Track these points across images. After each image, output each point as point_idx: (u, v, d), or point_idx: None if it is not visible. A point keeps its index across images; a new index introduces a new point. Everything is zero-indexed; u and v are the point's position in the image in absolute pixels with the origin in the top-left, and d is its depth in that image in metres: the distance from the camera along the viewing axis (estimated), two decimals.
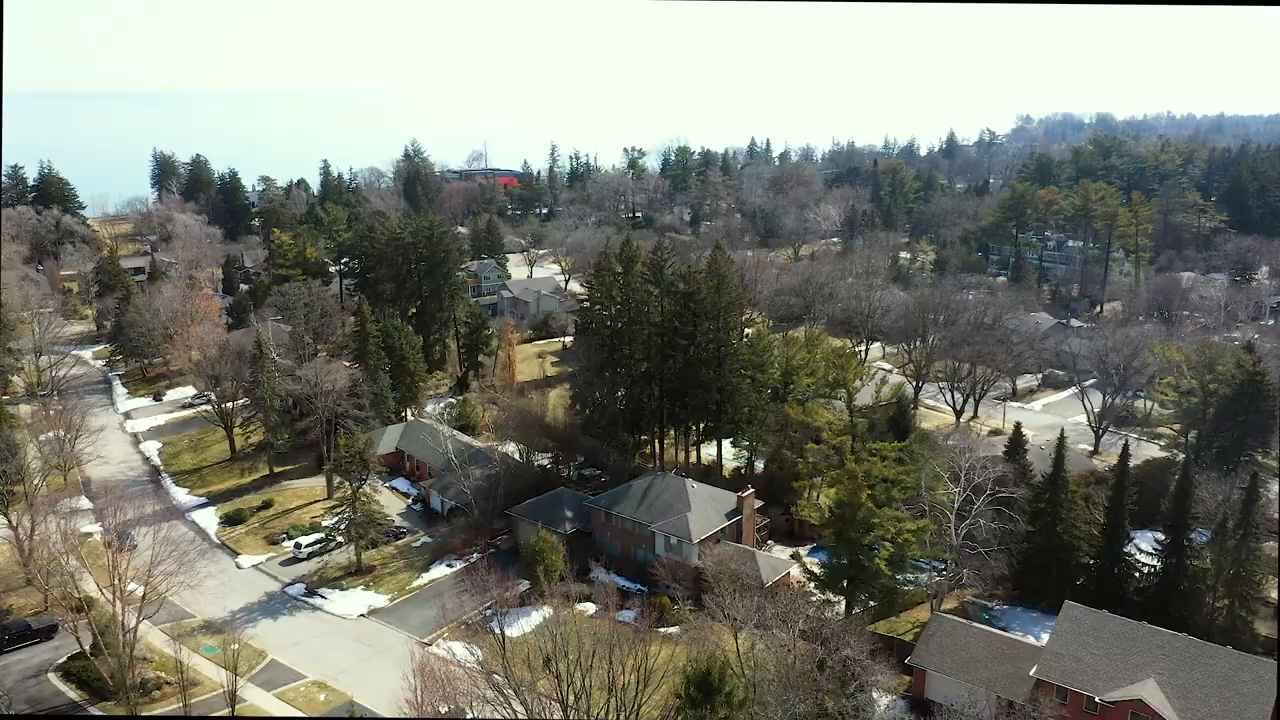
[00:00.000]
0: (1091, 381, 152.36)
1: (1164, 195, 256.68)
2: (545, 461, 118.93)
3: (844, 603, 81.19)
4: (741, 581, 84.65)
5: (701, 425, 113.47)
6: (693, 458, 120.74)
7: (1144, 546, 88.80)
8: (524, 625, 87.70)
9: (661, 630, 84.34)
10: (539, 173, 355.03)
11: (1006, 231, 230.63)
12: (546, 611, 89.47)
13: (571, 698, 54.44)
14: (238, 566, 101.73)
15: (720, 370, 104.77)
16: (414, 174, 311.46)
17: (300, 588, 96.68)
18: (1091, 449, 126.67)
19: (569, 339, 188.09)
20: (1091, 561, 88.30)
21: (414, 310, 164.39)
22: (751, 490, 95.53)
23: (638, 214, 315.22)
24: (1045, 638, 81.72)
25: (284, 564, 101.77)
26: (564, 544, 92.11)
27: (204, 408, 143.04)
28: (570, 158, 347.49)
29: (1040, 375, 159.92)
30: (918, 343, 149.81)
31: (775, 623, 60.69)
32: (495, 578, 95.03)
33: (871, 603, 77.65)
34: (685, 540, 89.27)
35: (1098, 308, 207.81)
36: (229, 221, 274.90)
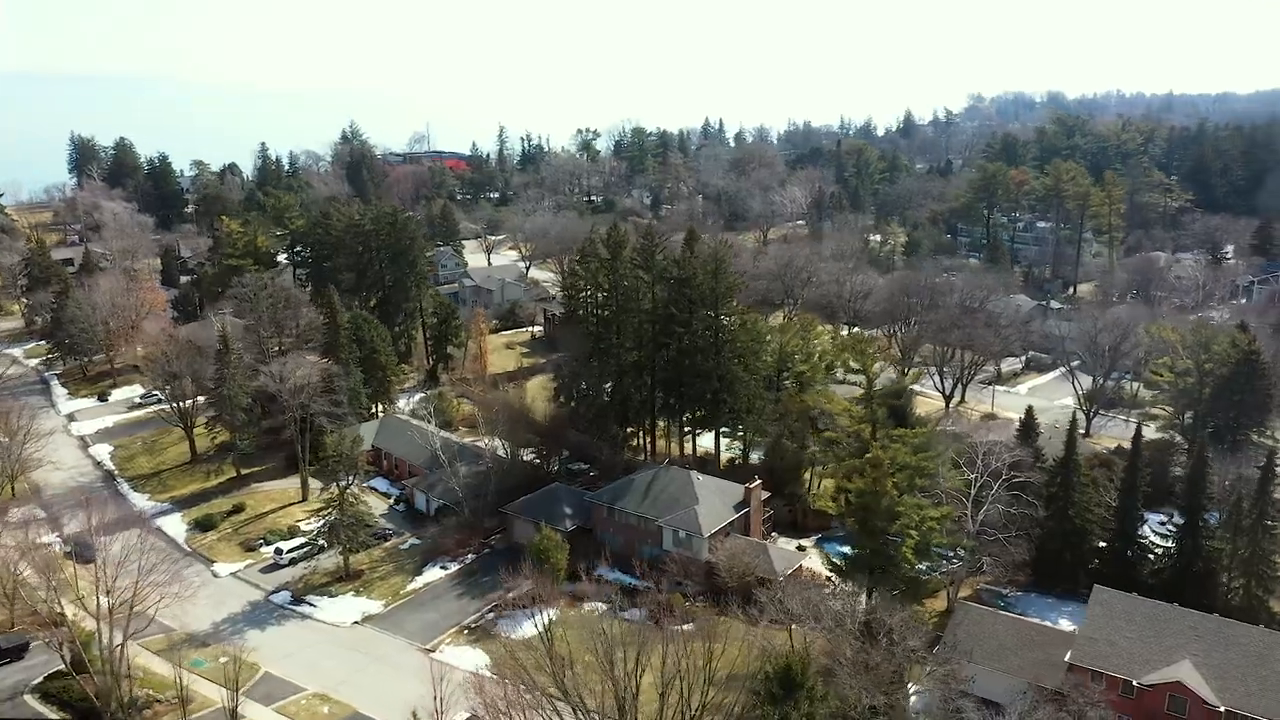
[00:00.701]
0: (1076, 363, 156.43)
1: (1129, 175, 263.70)
2: (529, 456, 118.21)
3: (865, 593, 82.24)
4: (756, 575, 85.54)
5: (696, 416, 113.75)
6: (684, 449, 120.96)
7: (1153, 528, 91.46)
8: (531, 627, 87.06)
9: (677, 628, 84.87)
10: (488, 155, 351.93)
11: (978, 212, 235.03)
12: (553, 612, 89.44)
13: (628, 701, 54.18)
14: (215, 575, 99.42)
15: (720, 359, 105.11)
16: (358, 158, 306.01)
17: (286, 595, 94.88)
18: (1083, 432, 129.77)
19: (538, 328, 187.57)
20: (1104, 545, 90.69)
21: (375, 301, 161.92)
22: (759, 481, 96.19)
23: (593, 197, 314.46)
24: (1063, 623, 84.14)
25: (265, 571, 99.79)
26: (566, 542, 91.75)
27: (156, 408, 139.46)
28: (521, 139, 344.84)
29: (1023, 358, 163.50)
30: (901, 327, 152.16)
31: (831, 617, 61.23)
32: (496, 577, 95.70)
33: (893, 592, 78.71)
34: (695, 534, 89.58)
35: (1071, 289, 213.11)
36: (160, 209, 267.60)
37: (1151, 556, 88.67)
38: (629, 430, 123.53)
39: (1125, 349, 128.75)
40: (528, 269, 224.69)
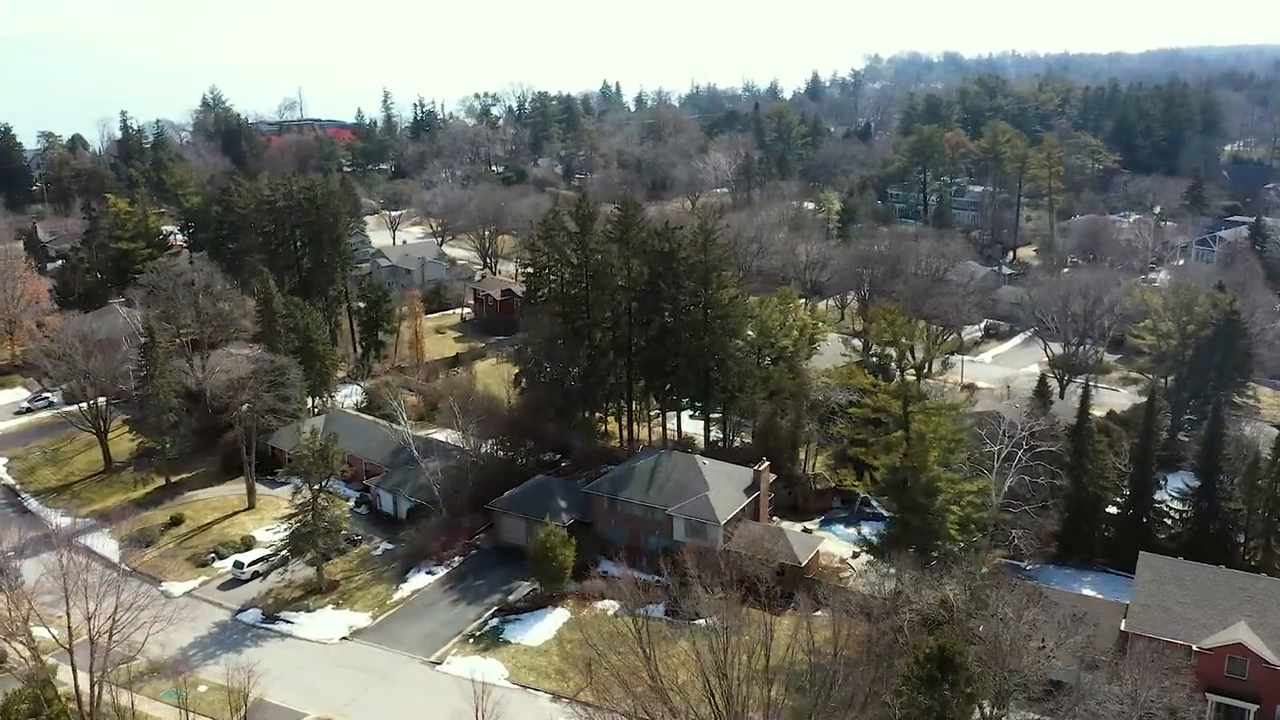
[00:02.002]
0: (1033, 330, 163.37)
1: (1056, 136, 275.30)
2: (494, 448, 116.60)
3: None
4: (779, 562, 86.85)
5: (681, 398, 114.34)
6: (667, 434, 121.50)
7: (1168, 493, 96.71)
8: (542, 630, 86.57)
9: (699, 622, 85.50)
10: (375, 123, 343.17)
11: (913, 177, 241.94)
12: (563, 613, 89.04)
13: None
14: (167, 596, 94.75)
15: (714, 336, 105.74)
16: (233, 127, 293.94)
17: (256, 614, 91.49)
18: (1058, 398, 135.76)
19: (466, 310, 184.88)
20: (1117, 512, 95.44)
21: (291, 286, 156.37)
22: (767, 463, 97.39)
23: (495, 167, 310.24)
24: (1087, 594, 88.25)
25: (224, 588, 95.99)
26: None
27: (53, 412, 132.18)
28: (415, 106, 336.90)
29: (982, 326, 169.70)
30: (865, 297, 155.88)
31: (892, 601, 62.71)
32: (491, 580, 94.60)
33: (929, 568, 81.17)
34: (710, 522, 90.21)
35: (1010, 254, 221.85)
36: (5, 187, 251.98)
37: (1169, 521, 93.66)
38: (604, 416, 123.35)
39: (1099, 313, 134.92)
40: (441, 243, 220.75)
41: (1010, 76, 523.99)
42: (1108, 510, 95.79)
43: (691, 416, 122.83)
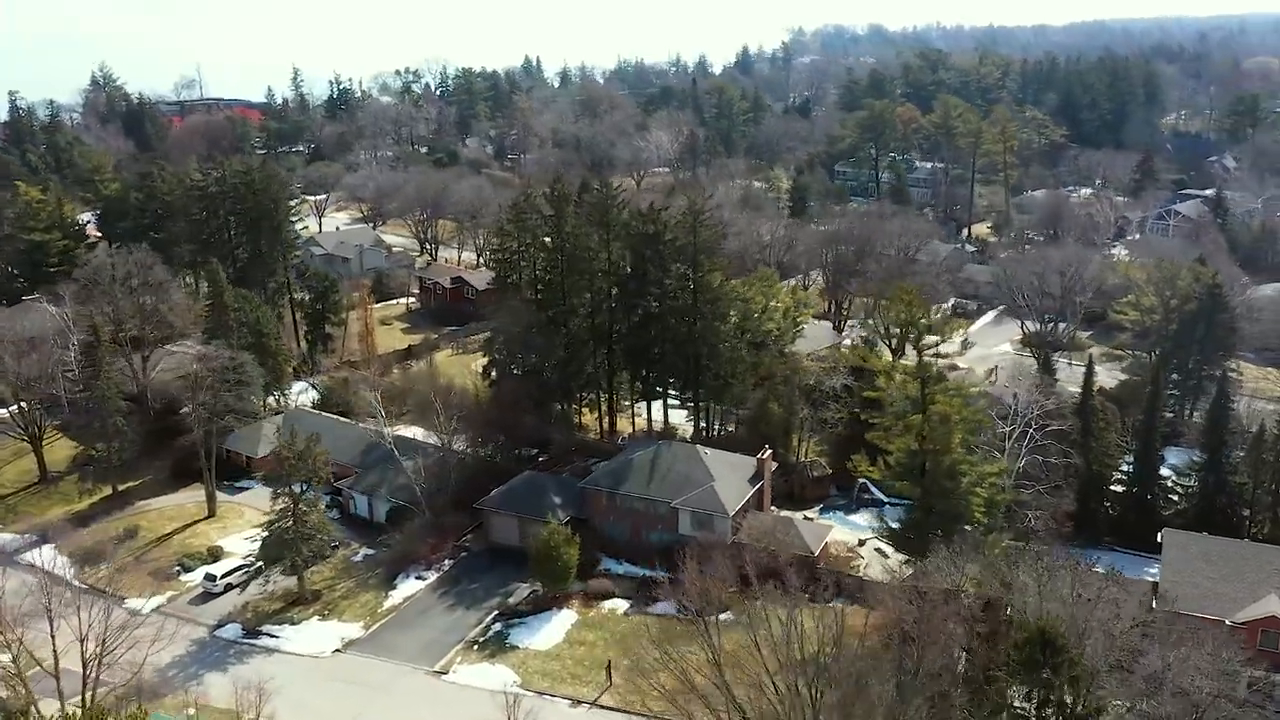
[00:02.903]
0: (1002, 308, 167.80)
1: (1003, 110, 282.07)
2: (466, 445, 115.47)
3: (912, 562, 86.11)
4: (793, 553, 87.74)
5: (666, 387, 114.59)
6: (651, 424, 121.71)
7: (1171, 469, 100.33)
8: (551, 633, 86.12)
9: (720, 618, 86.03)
10: (286, 102, 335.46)
11: (864, 153, 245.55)
12: (569, 615, 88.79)
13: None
14: (133, 614, 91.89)
15: (706, 322, 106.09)
16: (134, 107, 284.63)
17: (236, 629, 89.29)
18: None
19: (412, 300, 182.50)
20: (1121, 490, 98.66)
21: (228, 277, 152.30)
22: (769, 450, 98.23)
23: (418, 147, 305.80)
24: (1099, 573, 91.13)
25: (196, 603, 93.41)
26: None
27: None
28: (331, 83, 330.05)
29: (950, 305, 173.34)
30: (832, 278, 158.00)
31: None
32: (486, 582, 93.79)
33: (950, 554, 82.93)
34: (718, 514, 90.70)
35: (965, 231, 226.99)
36: None
37: (1174, 497, 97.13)
38: (579, 407, 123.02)
39: (1076, 290, 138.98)
40: (374, 227, 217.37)
41: (939, 49, 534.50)
42: (1112, 488, 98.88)
43: (672, 406, 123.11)
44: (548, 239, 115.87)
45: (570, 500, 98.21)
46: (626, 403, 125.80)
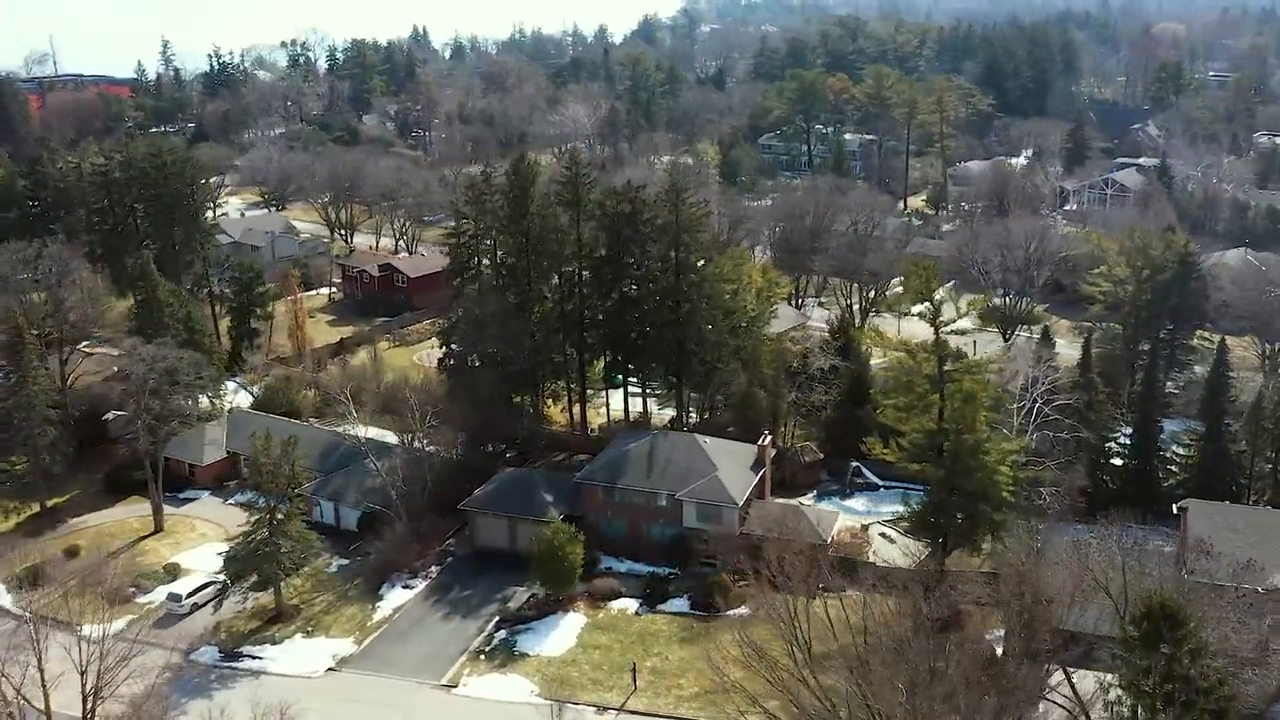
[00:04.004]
0: (954, 282, 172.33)
1: (924, 79, 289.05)
2: (436, 443, 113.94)
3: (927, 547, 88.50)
4: (805, 542, 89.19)
5: (647, 374, 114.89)
6: (629, 413, 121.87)
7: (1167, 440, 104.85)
8: (561, 638, 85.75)
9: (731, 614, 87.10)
10: (158, 78, 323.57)
11: (795, 126, 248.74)
12: (577, 618, 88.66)
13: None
14: (93, 642, 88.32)
15: (694, 305, 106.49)
16: None
17: (213, 652, 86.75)
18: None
19: (334, 290, 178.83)
20: (1123, 462, 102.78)
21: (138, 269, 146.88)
22: (769, 437, 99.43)
23: (309, 124, 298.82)
24: None
25: (160, 625, 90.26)
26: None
27: None
28: (210, 57, 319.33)
29: (900, 281, 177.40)
30: (786, 255, 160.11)
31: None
32: (480, 588, 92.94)
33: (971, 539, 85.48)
34: (725, 505, 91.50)
35: (901, 204, 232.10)
36: None
37: (1174, 468, 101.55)
38: (544, 399, 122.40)
39: (1041, 261, 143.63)
40: (281, 215, 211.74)
41: (844, 14, 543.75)
42: (1113, 461, 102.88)
43: (642, 393, 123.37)
44: (509, 221, 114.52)
45: (563, 497, 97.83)
46: (592, 393, 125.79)
